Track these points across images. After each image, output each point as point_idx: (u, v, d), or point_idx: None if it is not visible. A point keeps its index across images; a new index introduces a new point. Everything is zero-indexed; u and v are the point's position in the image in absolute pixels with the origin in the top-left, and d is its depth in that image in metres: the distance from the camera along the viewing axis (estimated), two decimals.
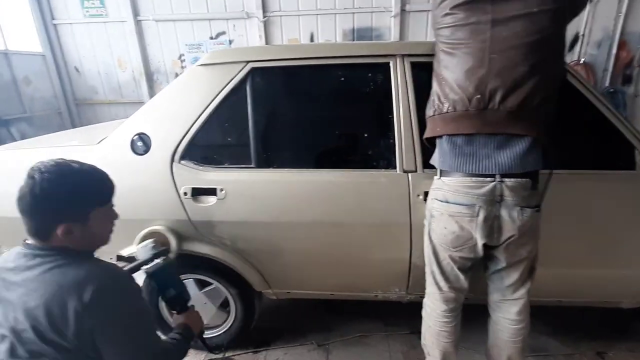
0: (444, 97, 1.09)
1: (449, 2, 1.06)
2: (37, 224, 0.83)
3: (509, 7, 0.99)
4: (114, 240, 1.39)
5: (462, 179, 1.09)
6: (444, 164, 1.13)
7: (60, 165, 0.85)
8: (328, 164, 1.42)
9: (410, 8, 4.35)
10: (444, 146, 1.12)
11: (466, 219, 1.09)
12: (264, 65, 1.40)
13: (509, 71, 0.98)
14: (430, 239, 1.23)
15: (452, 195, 1.12)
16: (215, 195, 1.41)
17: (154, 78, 4.84)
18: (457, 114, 1.06)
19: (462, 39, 1.04)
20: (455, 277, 1.21)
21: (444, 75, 1.09)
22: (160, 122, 1.44)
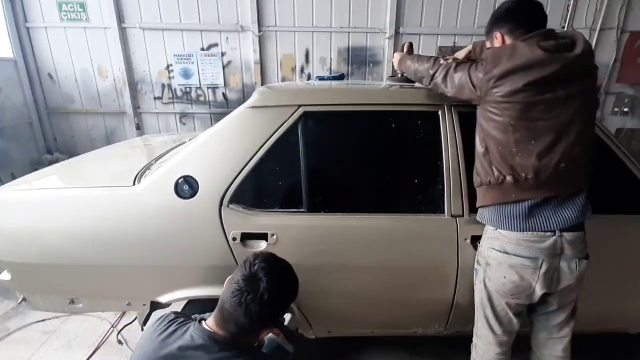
0: (520, 168, 1.15)
1: (519, 78, 1.10)
2: (252, 325, 0.93)
3: (572, 87, 1.11)
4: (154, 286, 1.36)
5: (524, 233, 1.18)
6: (502, 224, 1.21)
7: (282, 269, 1.00)
8: (379, 209, 1.47)
9: (403, 30, 4.54)
10: (500, 209, 1.22)
11: (529, 271, 1.19)
12: (316, 109, 1.42)
13: (563, 143, 1.12)
14: (485, 285, 1.31)
15: (512, 247, 1.21)
16: (266, 240, 1.41)
17: (138, 88, 4.62)
18: (539, 182, 1.14)
19: (534, 116, 1.12)
20: (509, 321, 1.30)
21: (519, 148, 1.15)
22: (208, 164, 1.41)
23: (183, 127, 4.83)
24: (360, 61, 4.67)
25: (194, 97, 4.72)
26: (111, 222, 1.42)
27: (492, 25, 1.29)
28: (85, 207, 1.43)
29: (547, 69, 1.08)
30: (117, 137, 4.80)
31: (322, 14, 4.46)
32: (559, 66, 1.08)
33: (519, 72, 1.09)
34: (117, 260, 1.45)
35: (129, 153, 2.22)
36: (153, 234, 1.42)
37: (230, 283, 0.97)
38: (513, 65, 1.10)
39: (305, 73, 4.70)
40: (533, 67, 1.08)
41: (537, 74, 1.08)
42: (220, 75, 4.61)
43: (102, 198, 1.43)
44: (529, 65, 1.09)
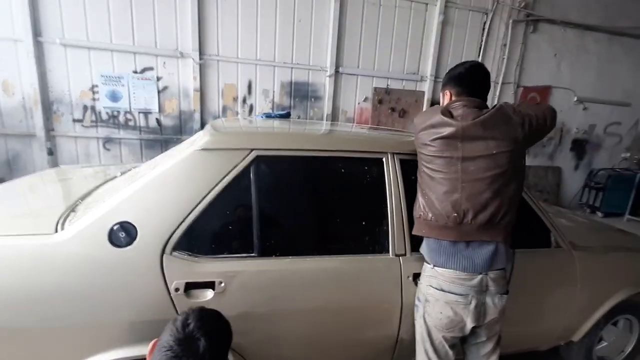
0: (428, 208, 1.37)
1: (428, 134, 1.36)
2: None
3: (474, 148, 1.30)
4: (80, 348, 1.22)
5: (456, 272, 1.33)
6: (432, 259, 1.39)
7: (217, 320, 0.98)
8: (329, 251, 1.52)
9: (342, 70, 4.89)
10: (431, 244, 1.39)
11: (461, 306, 1.33)
12: (268, 153, 1.45)
13: (477, 197, 1.30)
14: (424, 321, 1.42)
15: (447, 284, 1.35)
16: (213, 288, 1.35)
17: (54, 108, 4.13)
18: (439, 224, 1.33)
19: (439, 168, 1.34)
20: (446, 353, 1.43)
21: (426, 191, 1.39)
22: (150, 208, 1.33)
23: (107, 153, 4.40)
24: (302, 95, 4.87)
25: (122, 122, 4.37)
26: (24, 277, 1.22)
27: (445, 84, 1.50)
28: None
29: (445, 130, 1.32)
30: (22, 163, 4.17)
31: (266, 49, 4.59)
32: (453, 129, 1.31)
33: (429, 129, 1.37)
34: (33, 322, 1.23)
35: (44, 190, 1.94)
36: (81, 288, 1.25)
37: (160, 350, 0.89)
38: (426, 124, 1.38)
39: (248, 104, 4.71)
40: (434, 127, 1.35)
41: (437, 133, 1.34)
42: (154, 100, 4.37)
43: (14, 249, 1.23)
44: (432, 125, 1.36)
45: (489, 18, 5.29)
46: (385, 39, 4.98)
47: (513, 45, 5.49)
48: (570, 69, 5.91)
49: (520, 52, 5.58)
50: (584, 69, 5.98)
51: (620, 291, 1.93)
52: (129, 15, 4.09)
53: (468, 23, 5.27)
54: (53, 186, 2.01)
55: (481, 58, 5.40)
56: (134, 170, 1.95)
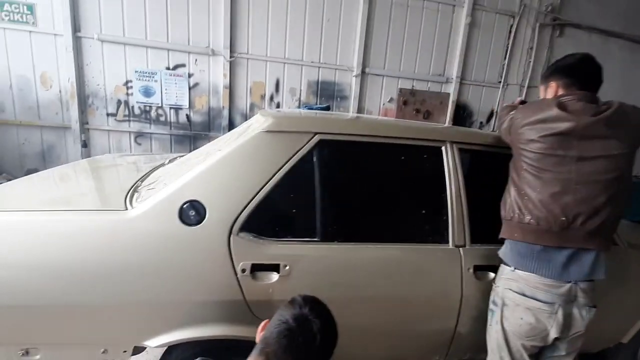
0: (526, 209, 1.25)
1: (536, 130, 1.24)
2: None
3: (593, 147, 1.19)
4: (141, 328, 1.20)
5: (542, 278, 1.24)
6: (521, 265, 1.27)
7: (329, 312, 0.95)
8: (389, 239, 1.48)
9: (369, 71, 4.87)
10: (520, 248, 1.28)
11: (545, 314, 1.24)
12: (331, 138, 1.43)
13: (591, 201, 1.18)
14: (502, 326, 1.33)
15: (530, 289, 1.26)
16: (278, 271, 1.33)
17: (89, 102, 4.20)
18: (540, 228, 1.22)
19: (548, 167, 1.21)
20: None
21: (527, 191, 1.25)
22: (218, 189, 1.31)
23: (138, 148, 4.45)
24: (328, 95, 4.86)
25: (154, 117, 4.42)
26: (94, 253, 1.21)
27: (552, 74, 1.37)
28: (62, 235, 1.21)
29: (560, 126, 1.19)
30: (56, 155, 4.24)
31: (294, 48, 4.61)
32: (569, 125, 1.18)
33: (536, 124, 1.23)
34: (98, 298, 1.22)
35: (98, 174, 1.95)
36: (147, 265, 1.24)
37: (276, 323, 0.88)
38: (534, 118, 1.24)
39: (275, 102, 4.73)
40: (545, 122, 1.22)
41: (549, 129, 1.20)
42: (185, 97, 4.41)
43: (87, 224, 1.22)
44: (543, 119, 1.22)
45: (516, 21, 5.22)
46: (411, 40, 4.95)
47: (539, 48, 5.41)
48: None
49: (547, 56, 5.49)
50: (607, 75, 5.72)
51: None
52: (164, 13, 4.15)
53: (495, 26, 5.21)
54: (106, 170, 2.02)
55: (507, 61, 5.34)
56: (186, 157, 1.95)
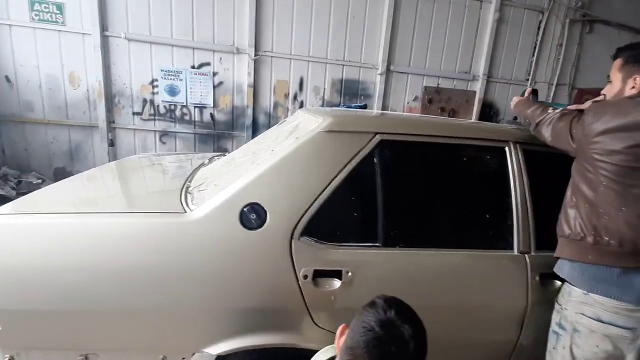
0: (604, 230, 1.10)
1: (618, 138, 1.04)
2: None
3: None
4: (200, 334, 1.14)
5: (622, 303, 1.12)
6: (597, 289, 1.14)
7: (416, 315, 0.85)
8: (451, 244, 1.41)
9: (394, 68, 4.78)
10: (595, 272, 1.15)
11: (626, 342, 1.13)
12: (392, 138, 1.36)
13: None
14: (571, 353, 1.22)
15: (607, 315, 1.14)
16: (340, 278, 1.26)
17: (115, 101, 4.21)
18: (623, 250, 1.09)
19: (631, 183, 1.05)
20: None
21: (607, 210, 1.10)
22: (279, 191, 1.26)
23: (162, 147, 4.45)
24: (352, 93, 4.79)
25: (178, 116, 4.41)
26: (155, 256, 1.17)
27: (634, 65, 1.15)
28: (122, 238, 1.17)
29: None
30: (83, 153, 4.27)
31: (319, 45, 4.55)
32: None
33: (620, 132, 1.03)
34: (158, 304, 1.18)
35: (142, 174, 1.92)
36: (208, 270, 1.19)
37: (360, 331, 0.81)
38: (615, 125, 1.04)
39: (298, 100, 4.67)
40: (630, 130, 1.02)
41: (636, 138, 1.01)
42: (210, 95, 4.40)
43: (147, 226, 1.18)
44: (632, 126, 1.02)
45: (545, 17, 5.06)
46: (438, 37, 4.84)
47: (569, 45, 5.23)
48: None
49: (576, 52, 5.31)
50: None
51: None
52: (190, 11, 4.13)
53: (523, 22, 5.06)
54: (147, 171, 1.99)
55: (535, 58, 5.18)
56: (229, 156, 1.91)
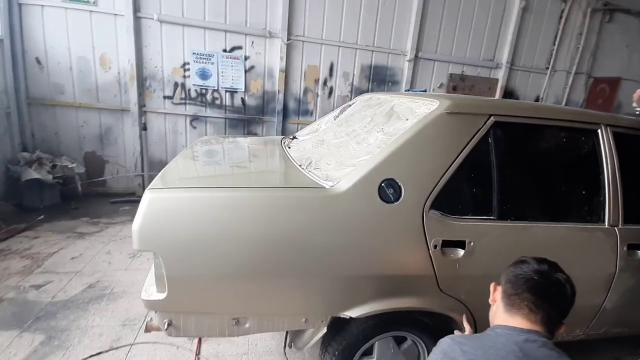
0: None
1: None
2: (555, 317, 0.93)
3: None
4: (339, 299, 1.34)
5: None
6: None
7: (559, 266, 0.99)
8: (554, 217, 1.56)
9: (422, 55, 4.87)
10: None
11: None
12: (504, 120, 1.49)
13: None
14: None
15: None
16: (464, 248, 1.40)
17: (146, 85, 4.19)
18: None
19: None
20: None
21: None
22: (410, 168, 1.38)
23: (193, 131, 4.47)
24: (380, 79, 4.87)
25: (209, 100, 4.43)
26: (302, 226, 1.29)
27: None
28: (279, 210, 1.27)
29: None
30: (113, 137, 4.26)
31: (349, 31, 4.59)
32: None
33: None
34: (303, 271, 1.30)
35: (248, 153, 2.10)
36: (350, 240, 1.32)
37: (521, 282, 0.94)
38: None
39: (328, 86, 4.73)
40: None
41: None
42: (241, 80, 4.42)
43: (298, 199, 1.29)
44: None
45: (568, 6, 5.20)
46: (464, 24, 4.94)
47: (588, 34, 5.40)
48: None
49: (595, 41, 5.49)
50: None
51: None
52: None
53: (547, 10, 5.19)
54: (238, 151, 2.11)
55: (556, 47, 5.34)
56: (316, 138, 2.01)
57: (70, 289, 2.36)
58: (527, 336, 0.88)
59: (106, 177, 4.33)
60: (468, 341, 0.94)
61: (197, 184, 1.30)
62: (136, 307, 2.25)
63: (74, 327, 2.02)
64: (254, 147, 2.17)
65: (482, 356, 0.88)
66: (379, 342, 1.53)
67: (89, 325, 2.04)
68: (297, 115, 4.75)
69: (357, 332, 1.46)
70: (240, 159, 2.01)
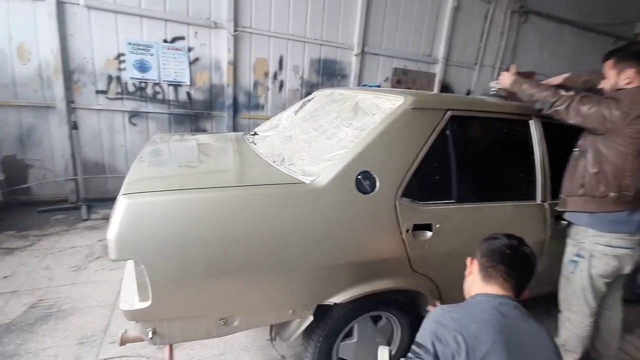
0: (625, 187, 1.53)
1: None
2: (523, 284, 1.11)
3: None
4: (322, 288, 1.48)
5: (626, 234, 1.61)
6: (612, 229, 1.60)
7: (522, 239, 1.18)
8: (499, 198, 1.82)
9: (368, 50, 5.10)
10: (612, 217, 1.59)
11: (627, 258, 1.64)
12: (459, 113, 1.69)
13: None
14: (589, 273, 1.69)
15: (617, 241, 1.62)
16: (431, 229, 1.58)
17: (74, 78, 3.78)
18: (633, 198, 1.54)
19: None
20: (602, 295, 1.75)
21: (632, 172, 1.51)
22: (382, 160, 1.52)
23: (132, 129, 4.16)
24: (330, 73, 5.00)
25: (150, 94, 4.14)
26: (285, 221, 1.34)
27: (627, 60, 1.53)
28: (264, 207, 1.31)
29: None
30: (37, 138, 3.79)
31: (298, 24, 4.62)
32: None
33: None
34: (292, 264, 1.36)
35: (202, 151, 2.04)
36: (334, 230, 1.41)
37: (495, 255, 1.11)
38: None
39: (278, 79, 4.73)
40: None
41: None
42: (186, 72, 4.20)
43: (284, 196, 1.34)
44: None
45: (492, 7, 5.83)
46: (405, 21, 5.27)
47: (509, 33, 6.13)
48: (549, 57, 6.77)
49: (514, 40, 6.25)
50: (560, 58, 6.88)
51: None
52: None
53: (475, 10, 5.76)
54: (212, 149, 2.09)
55: (484, 44, 5.96)
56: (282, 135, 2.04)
57: (9, 311, 2.10)
58: (502, 300, 1.05)
59: (31, 184, 3.84)
60: (456, 309, 1.07)
61: (176, 186, 1.27)
62: (92, 323, 2.10)
63: (23, 351, 1.82)
64: (219, 145, 2.14)
65: (469, 319, 1.01)
66: (358, 324, 1.65)
67: (40, 347, 1.86)
68: (249, 110, 4.68)
69: (339, 316, 1.57)
70: (209, 158, 1.97)
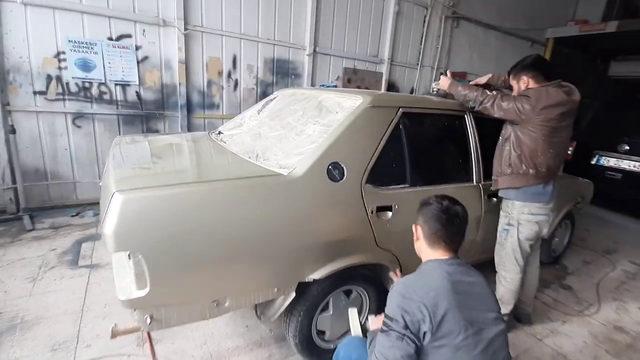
0: (539, 164, 2.00)
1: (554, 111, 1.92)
2: (460, 240, 1.32)
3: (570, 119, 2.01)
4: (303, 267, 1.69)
5: (543, 204, 2.10)
6: (533, 199, 2.07)
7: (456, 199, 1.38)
8: (445, 181, 2.17)
9: (319, 50, 5.35)
10: (533, 190, 2.06)
11: (546, 223, 2.13)
12: (408, 110, 2.00)
13: (562, 155, 2.09)
14: (518, 238, 2.15)
15: (538, 210, 2.10)
16: (391, 210, 1.87)
17: (10, 78, 3.50)
18: (546, 173, 2.03)
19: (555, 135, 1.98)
20: (527, 255, 2.22)
21: (543, 152, 1.99)
22: (349, 152, 1.77)
23: (77, 131, 3.95)
24: (283, 72, 5.16)
25: (96, 95, 3.97)
26: (267, 209, 1.52)
27: (521, 70, 2.09)
28: (251, 197, 1.48)
29: (567, 106, 1.94)
30: None
31: (250, 24, 4.72)
32: (571, 105, 1.95)
33: (553, 107, 1.91)
34: (276, 246, 1.55)
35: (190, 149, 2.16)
36: (310, 215, 1.62)
37: (434, 220, 1.30)
38: (550, 103, 1.91)
39: (233, 78, 4.78)
40: (560, 105, 1.92)
41: (562, 109, 1.92)
42: (134, 72, 4.09)
43: (267, 186, 1.52)
44: (558, 103, 1.92)
45: (429, 12, 6.43)
46: (353, 22, 5.62)
47: (444, 37, 6.80)
48: (478, 58, 7.63)
49: (449, 43, 6.95)
50: (487, 59, 7.78)
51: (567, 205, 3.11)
52: None
53: (414, 15, 6.31)
54: (184, 147, 2.15)
55: (423, 46, 6.56)
56: (253, 132, 2.20)
57: None
58: (449, 261, 1.25)
59: None
60: (413, 278, 1.22)
61: (165, 181, 1.38)
62: (62, 330, 2.07)
63: None
64: (189, 144, 2.22)
65: (425, 286, 1.15)
66: (333, 298, 1.89)
67: (11, 357, 1.81)
68: (203, 109, 4.68)
69: (317, 292, 1.78)
70: (185, 155, 2.06)
